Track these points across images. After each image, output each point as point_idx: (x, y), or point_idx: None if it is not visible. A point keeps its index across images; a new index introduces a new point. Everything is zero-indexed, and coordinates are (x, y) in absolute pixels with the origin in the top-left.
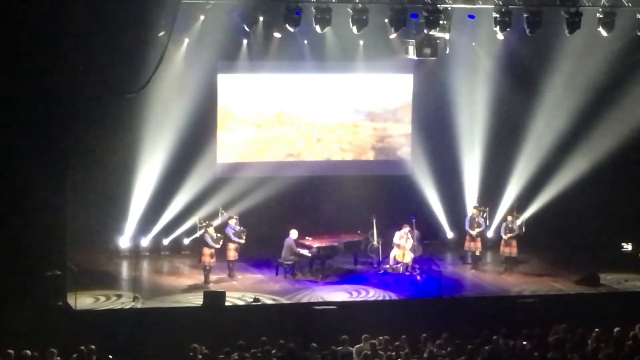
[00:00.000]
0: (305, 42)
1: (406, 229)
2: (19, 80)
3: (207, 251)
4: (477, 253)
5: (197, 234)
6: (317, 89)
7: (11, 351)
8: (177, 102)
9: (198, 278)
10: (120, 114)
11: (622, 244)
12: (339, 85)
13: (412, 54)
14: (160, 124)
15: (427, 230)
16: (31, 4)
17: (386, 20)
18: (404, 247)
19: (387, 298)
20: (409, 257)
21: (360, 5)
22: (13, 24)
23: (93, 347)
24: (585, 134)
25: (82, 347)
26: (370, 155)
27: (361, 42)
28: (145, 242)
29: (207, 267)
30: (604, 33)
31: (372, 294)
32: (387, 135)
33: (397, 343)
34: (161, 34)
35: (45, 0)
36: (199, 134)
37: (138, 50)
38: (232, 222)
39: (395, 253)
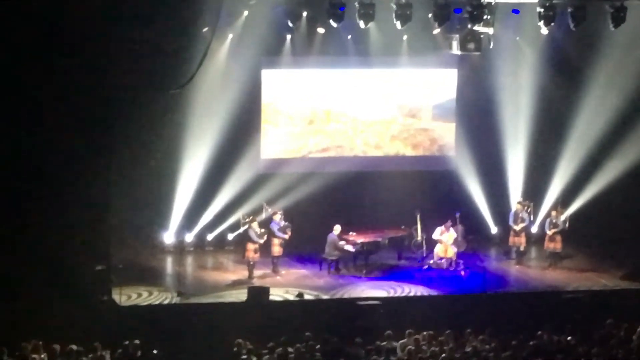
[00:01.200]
0: (349, 37)
1: (447, 224)
2: (63, 78)
3: (251, 246)
4: (522, 248)
5: (241, 230)
6: (361, 84)
7: (57, 346)
8: (221, 97)
9: (242, 273)
10: (165, 110)
11: None
12: (383, 80)
13: (455, 49)
14: (204, 119)
15: (471, 225)
16: (72, 4)
17: (430, 15)
18: (445, 242)
19: (431, 293)
20: (452, 252)
21: (403, 0)
22: (56, 21)
23: (137, 342)
24: (631, 129)
25: (127, 342)
26: (414, 151)
27: (405, 37)
28: (190, 237)
29: (251, 263)
30: None
31: (416, 289)
32: (431, 130)
33: (441, 338)
34: (205, 29)
35: None
36: (243, 129)
37: (182, 46)
38: (277, 217)
39: (438, 249)
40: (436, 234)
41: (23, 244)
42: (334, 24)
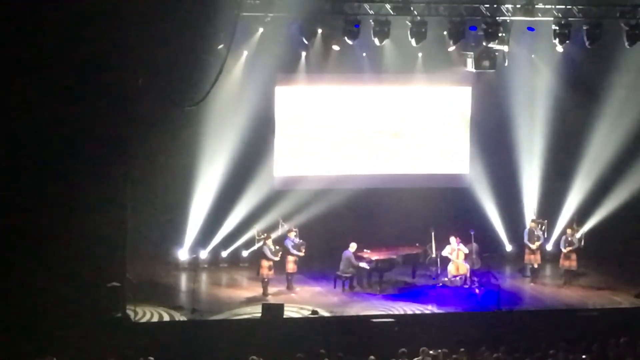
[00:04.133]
0: (364, 54)
1: (453, 242)
2: (81, 95)
3: (265, 263)
4: (536, 266)
5: (256, 247)
6: (376, 101)
7: None
8: (236, 114)
9: (256, 290)
10: (180, 127)
11: None
12: (398, 97)
13: (470, 66)
14: (218, 136)
15: (486, 243)
16: (91, 19)
17: (445, 33)
18: (455, 260)
19: (446, 311)
20: (464, 268)
21: (418, 18)
22: (73, 39)
23: (151, 358)
24: None
25: (141, 359)
26: (428, 168)
27: (420, 55)
28: (204, 254)
29: (266, 280)
30: None
31: (431, 307)
32: (446, 148)
33: (455, 356)
34: (220, 46)
35: (105, 14)
36: (257, 145)
37: (197, 63)
38: (292, 234)
39: (450, 267)
40: (445, 252)
41: (39, 260)
42: (349, 42)
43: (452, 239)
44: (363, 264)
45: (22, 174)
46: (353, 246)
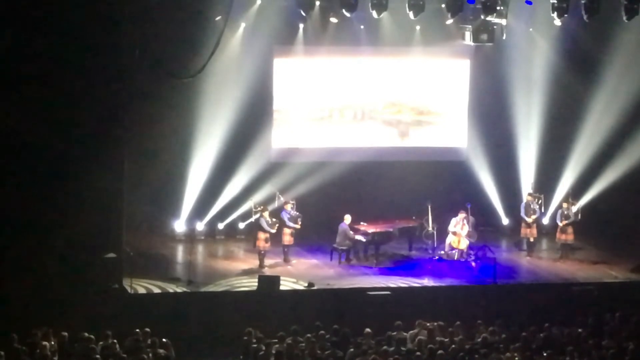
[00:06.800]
0: (362, 27)
1: (462, 215)
2: (77, 67)
3: (262, 236)
4: (532, 240)
5: (252, 219)
6: (374, 74)
7: (65, 333)
8: (233, 86)
9: (253, 262)
10: (177, 98)
11: None
12: (395, 70)
13: (468, 39)
14: (216, 108)
15: (483, 217)
16: None
17: (443, 6)
18: (459, 233)
19: (442, 284)
20: (464, 244)
21: None
22: (68, 9)
23: (148, 330)
24: None
25: (137, 330)
26: (425, 141)
27: (417, 28)
28: (201, 226)
29: (262, 252)
30: None
31: (427, 280)
32: (443, 121)
33: (450, 329)
34: (218, 18)
35: None
36: (254, 118)
37: (195, 35)
38: (288, 207)
39: (450, 239)
40: (451, 226)
41: (36, 231)
42: (346, 14)
43: (461, 214)
44: (359, 237)
45: (19, 147)
46: (347, 218)
